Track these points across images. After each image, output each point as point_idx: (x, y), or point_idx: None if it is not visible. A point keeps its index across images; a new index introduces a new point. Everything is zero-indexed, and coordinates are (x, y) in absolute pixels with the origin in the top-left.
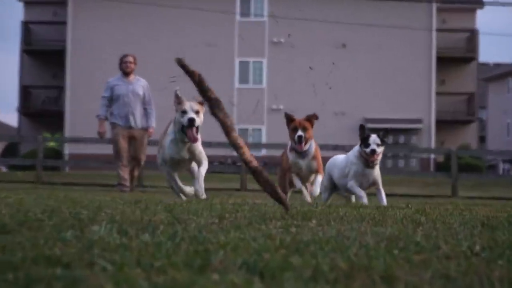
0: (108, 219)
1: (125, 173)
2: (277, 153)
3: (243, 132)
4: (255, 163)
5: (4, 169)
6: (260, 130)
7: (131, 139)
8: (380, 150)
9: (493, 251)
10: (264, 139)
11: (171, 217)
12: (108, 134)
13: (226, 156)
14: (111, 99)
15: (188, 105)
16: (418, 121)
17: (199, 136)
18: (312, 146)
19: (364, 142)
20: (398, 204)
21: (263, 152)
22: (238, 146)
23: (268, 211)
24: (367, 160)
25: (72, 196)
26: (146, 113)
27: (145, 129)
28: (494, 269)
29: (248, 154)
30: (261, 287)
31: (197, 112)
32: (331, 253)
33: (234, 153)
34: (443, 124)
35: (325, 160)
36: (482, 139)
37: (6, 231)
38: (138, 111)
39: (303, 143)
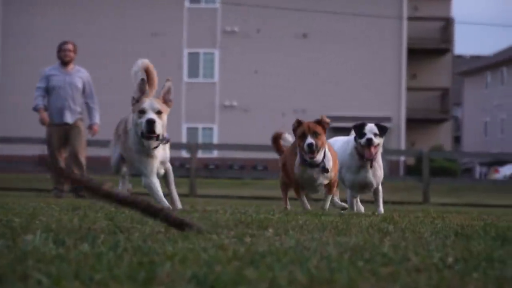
0: (43, 227)
1: (59, 179)
2: (230, 154)
3: (193, 131)
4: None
5: None
6: (211, 129)
7: (68, 137)
8: (378, 141)
9: (468, 263)
10: (215, 139)
11: (112, 225)
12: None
13: (173, 158)
14: (47, 91)
15: (147, 103)
16: (387, 119)
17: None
18: (327, 156)
19: (359, 131)
20: (364, 211)
21: (215, 153)
22: None
23: (220, 219)
24: (362, 155)
25: (2, 202)
26: (88, 108)
27: (89, 126)
28: (468, 282)
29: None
30: None
31: (159, 113)
32: (289, 265)
33: (183, 155)
34: (414, 123)
35: None
36: (457, 139)
37: None
38: (76, 105)
39: (315, 152)
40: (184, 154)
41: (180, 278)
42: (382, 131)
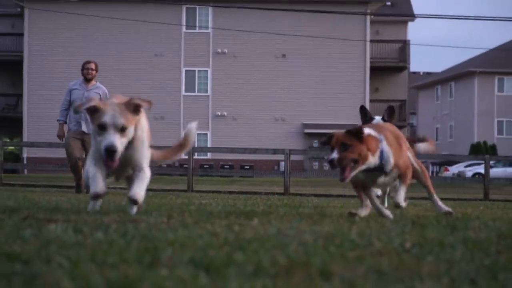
0: (64, 218)
1: (78, 175)
2: (221, 156)
3: None
4: None
5: None
6: (206, 135)
7: (83, 143)
8: None
9: (423, 248)
10: (209, 144)
11: (122, 216)
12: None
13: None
14: (70, 103)
15: (109, 116)
16: (354, 126)
17: (143, 139)
18: (385, 156)
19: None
20: (334, 204)
21: (209, 155)
22: None
23: (214, 211)
24: None
25: (30, 197)
26: None
27: None
28: (423, 265)
29: None
30: (207, 282)
31: (122, 130)
32: (272, 250)
33: (182, 156)
34: None
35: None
36: None
37: None
38: None
39: (346, 171)
40: (183, 156)
41: (180, 261)
42: (390, 122)
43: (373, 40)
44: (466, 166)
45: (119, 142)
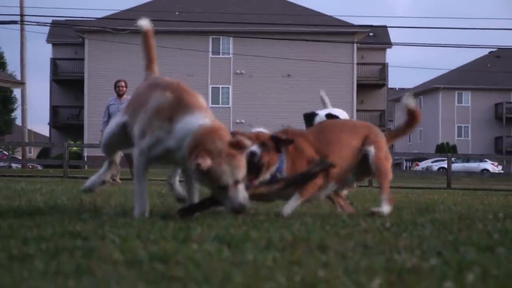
0: (116, 204)
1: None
2: None
3: None
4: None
5: (39, 168)
6: None
7: None
8: None
9: (400, 227)
10: None
11: (161, 204)
12: None
13: None
14: (109, 115)
15: (228, 174)
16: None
17: None
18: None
19: (308, 122)
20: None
21: None
22: None
23: None
24: None
25: None
26: None
27: None
28: (400, 240)
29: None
30: (228, 255)
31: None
32: (279, 229)
33: None
34: None
35: None
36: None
37: (40, 213)
38: None
39: (257, 174)
40: None
41: (207, 237)
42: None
43: (359, 63)
44: (432, 162)
45: (246, 193)
